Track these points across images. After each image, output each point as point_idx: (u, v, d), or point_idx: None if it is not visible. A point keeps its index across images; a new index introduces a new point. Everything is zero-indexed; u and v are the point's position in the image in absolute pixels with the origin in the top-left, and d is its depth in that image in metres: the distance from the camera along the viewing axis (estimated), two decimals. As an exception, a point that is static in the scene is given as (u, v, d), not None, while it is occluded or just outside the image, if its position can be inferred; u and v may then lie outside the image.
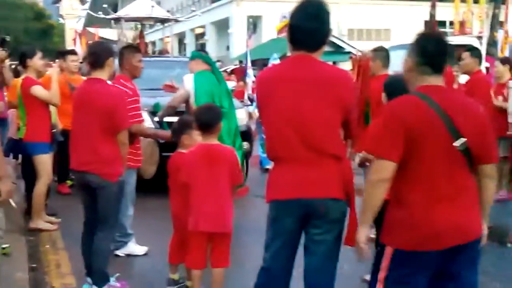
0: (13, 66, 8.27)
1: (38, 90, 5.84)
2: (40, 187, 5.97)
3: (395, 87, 4.33)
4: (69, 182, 8.16)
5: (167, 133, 5.11)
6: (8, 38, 7.35)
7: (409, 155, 2.55)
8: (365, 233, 2.71)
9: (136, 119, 4.79)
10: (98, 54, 4.21)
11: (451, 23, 23.54)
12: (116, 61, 4.71)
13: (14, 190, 3.39)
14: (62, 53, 8.04)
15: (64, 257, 5.15)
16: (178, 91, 6.13)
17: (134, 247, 5.19)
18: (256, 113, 9.03)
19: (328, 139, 2.91)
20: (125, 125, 4.20)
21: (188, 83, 5.83)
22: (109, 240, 4.32)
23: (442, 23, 30.04)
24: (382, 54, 5.74)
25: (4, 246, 4.50)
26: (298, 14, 2.99)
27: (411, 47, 2.72)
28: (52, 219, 6.23)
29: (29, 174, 6.23)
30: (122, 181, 4.27)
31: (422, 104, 2.57)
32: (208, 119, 3.92)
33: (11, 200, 4.75)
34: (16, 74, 7.31)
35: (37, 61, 5.98)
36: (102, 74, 4.20)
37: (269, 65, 9.24)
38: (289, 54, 3.17)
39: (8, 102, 7.16)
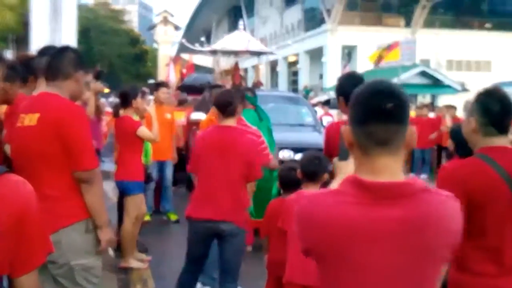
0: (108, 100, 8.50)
1: (144, 132, 5.83)
2: (127, 226, 5.81)
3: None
4: (147, 218, 7.99)
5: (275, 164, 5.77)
6: (101, 68, 7.54)
7: (472, 224, 2.25)
8: None
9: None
10: (232, 103, 4.18)
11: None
12: None
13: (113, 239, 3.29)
14: (157, 85, 8.35)
15: (155, 301, 5.02)
16: None
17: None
18: None
19: None
20: (260, 175, 4.23)
21: None
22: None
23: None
24: None
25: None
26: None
27: (473, 106, 2.43)
28: (143, 256, 6.13)
29: (122, 207, 6.07)
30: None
31: (486, 168, 2.32)
32: (314, 169, 3.74)
33: (109, 249, 4.71)
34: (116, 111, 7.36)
35: (140, 100, 5.99)
36: (232, 122, 4.20)
37: None
38: None
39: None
